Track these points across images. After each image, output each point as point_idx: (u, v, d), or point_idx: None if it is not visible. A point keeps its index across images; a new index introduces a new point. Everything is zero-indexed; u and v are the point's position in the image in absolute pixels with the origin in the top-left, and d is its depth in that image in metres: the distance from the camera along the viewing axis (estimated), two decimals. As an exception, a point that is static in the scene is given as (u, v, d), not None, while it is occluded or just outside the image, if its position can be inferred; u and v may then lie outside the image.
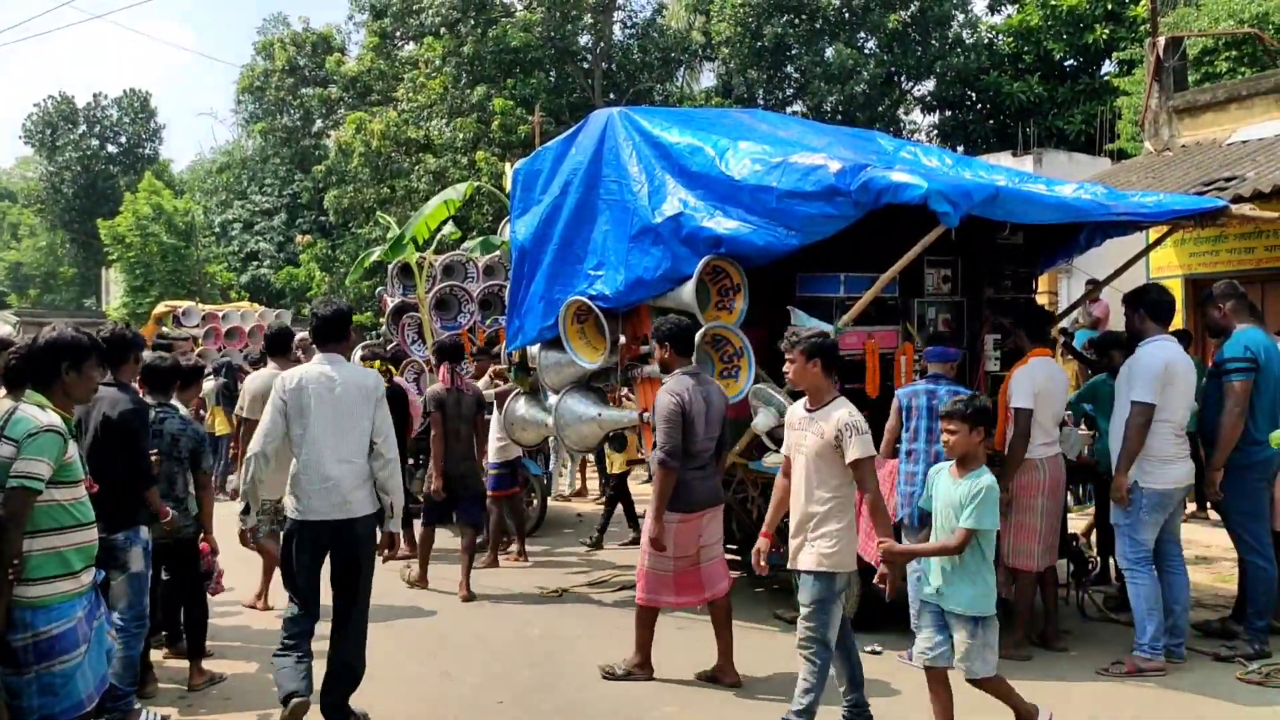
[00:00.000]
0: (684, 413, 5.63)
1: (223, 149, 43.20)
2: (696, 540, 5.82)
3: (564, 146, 7.73)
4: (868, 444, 4.77)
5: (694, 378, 5.84)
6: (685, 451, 5.64)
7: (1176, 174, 11.41)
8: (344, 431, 5.01)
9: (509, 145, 23.88)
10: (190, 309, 17.52)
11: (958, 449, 4.67)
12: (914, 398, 6.09)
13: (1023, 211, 6.33)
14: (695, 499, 5.74)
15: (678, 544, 5.74)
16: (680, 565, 5.81)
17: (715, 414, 5.82)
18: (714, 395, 5.88)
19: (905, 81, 26.43)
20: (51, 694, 3.79)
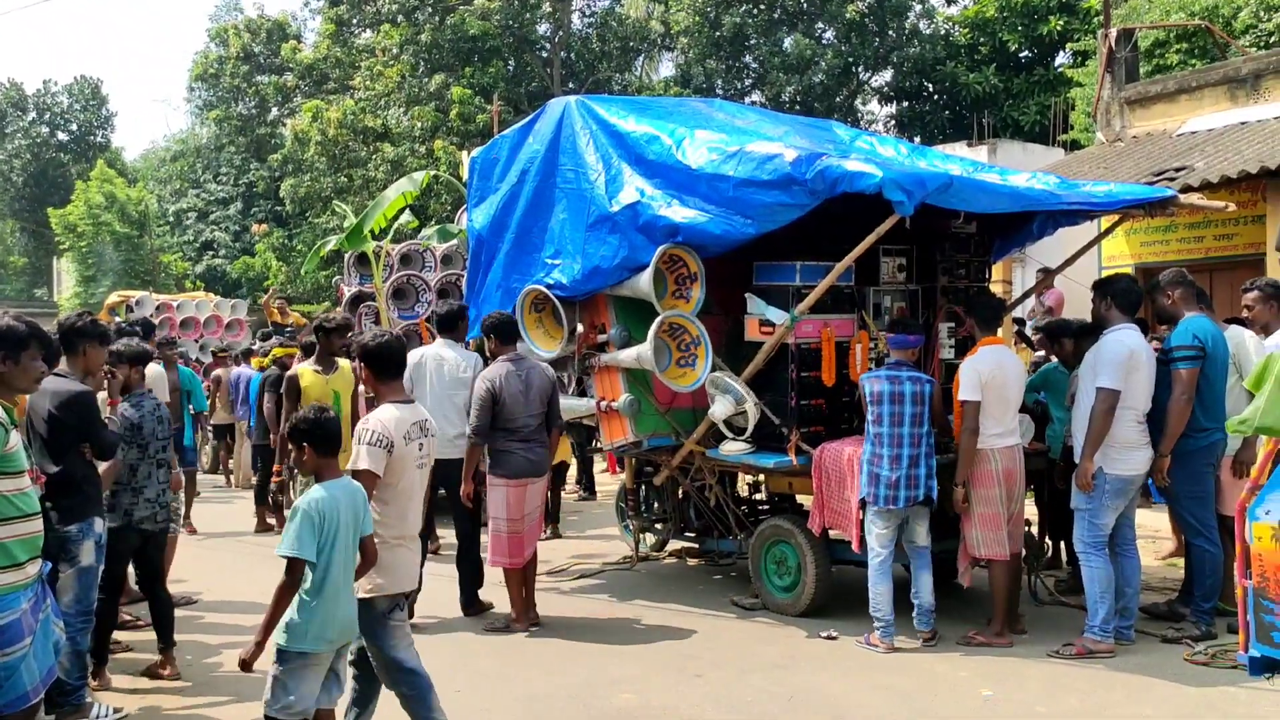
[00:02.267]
0: (495, 396, 6.46)
1: (176, 137, 42.53)
2: (523, 505, 6.55)
3: (521, 135, 7.69)
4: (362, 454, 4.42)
5: (513, 363, 6.60)
6: (504, 428, 6.50)
7: (1128, 164, 11.57)
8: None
9: (467, 134, 23.72)
10: (144, 299, 17.25)
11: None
12: (876, 383, 6.14)
13: (976, 200, 6.40)
14: (517, 468, 6.54)
15: (510, 506, 6.52)
16: (514, 527, 6.56)
17: (536, 394, 6.58)
18: (534, 377, 6.63)
19: (863, 72, 26.56)
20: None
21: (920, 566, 6.25)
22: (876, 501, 6.09)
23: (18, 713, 3.78)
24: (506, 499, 6.52)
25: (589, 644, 6.38)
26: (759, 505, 7.96)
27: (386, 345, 4.56)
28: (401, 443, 4.35)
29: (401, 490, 4.42)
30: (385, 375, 4.56)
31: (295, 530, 3.91)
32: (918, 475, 6.10)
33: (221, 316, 17.71)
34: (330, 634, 4.01)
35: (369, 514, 4.19)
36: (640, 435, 7.03)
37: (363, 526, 4.13)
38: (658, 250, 6.59)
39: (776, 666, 5.88)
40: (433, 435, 4.60)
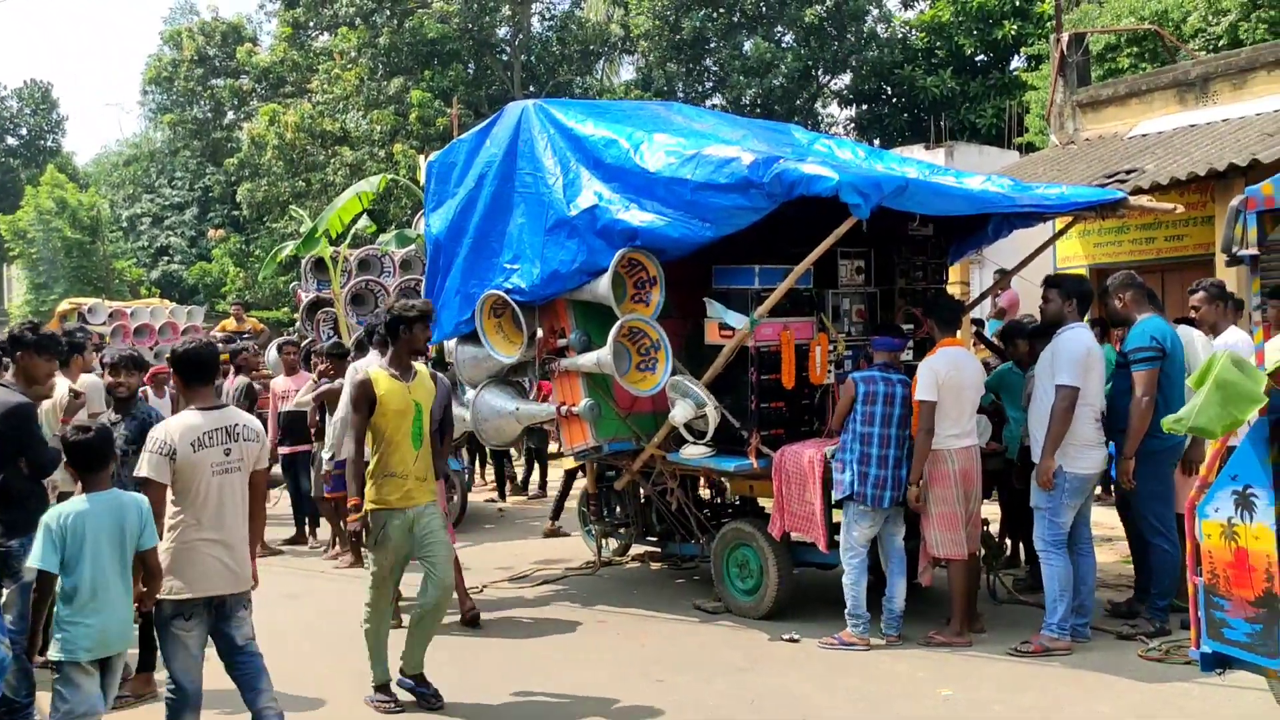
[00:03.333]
0: None
1: (130, 141, 41.90)
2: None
3: (478, 139, 7.65)
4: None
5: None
6: None
7: (1080, 167, 11.74)
8: None
9: (427, 138, 23.57)
10: (96, 306, 16.91)
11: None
12: (871, 383, 6.19)
13: (931, 203, 6.46)
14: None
15: None
16: None
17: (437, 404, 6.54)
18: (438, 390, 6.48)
19: (822, 75, 26.73)
20: None
21: (896, 571, 6.30)
22: (865, 501, 6.14)
23: None
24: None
25: (551, 650, 6.35)
26: (721, 509, 7.97)
27: (198, 353, 4.58)
28: (188, 450, 4.35)
29: (200, 495, 4.39)
30: (195, 382, 4.57)
31: (37, 543, 4.06)
32: (900, 476, 6.17)
33: (177, 324, 17.39)
34: (88, 643, 4.07)
35: (150, 527, 4.21)
36: (601, 440, 7.01)
37: (141, 540, 4.18)
38: (616, 254, 6.58)
39: (739, 670, 5.89)
40: (248, 440, 4.54)
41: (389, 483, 5.32)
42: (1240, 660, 4.38)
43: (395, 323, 5.53)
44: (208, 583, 4.41)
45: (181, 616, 4.38)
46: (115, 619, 4.15)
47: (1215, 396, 4.17)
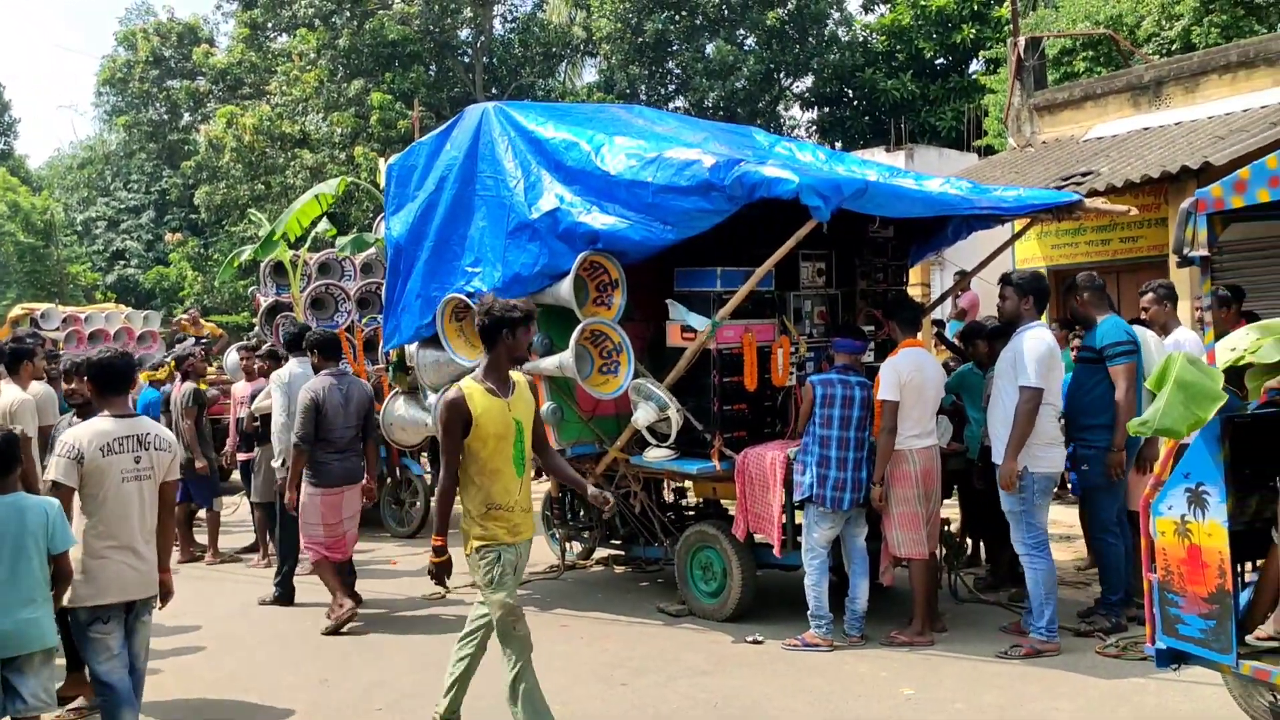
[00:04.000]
0: (318, 407, 6.89)
1: (84, 143, 41.20)
2: (339, 512, 7.04)
3: (439, 142, 7.60)
4: None
5: (335, 377, 7.09)
6: (323, 439, 6.91)
7: (1038, 169, 11.89)
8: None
9: (389, 140, 23.42)
10: (50, 311, 16.64)
11: None
12: (829, 386, 6.20)
13: (891, 205, 6.50)
14: (333, 478, 7.00)
15: (324, 513, 6.98)
16: (330, 532, 7.04)
17: (354, 407, 7.05)
18: (354, 391, 7.12)
19: (784, 78, 26.89)
20: None
21: (859, 572, 6.32)
22: (824, 503, 6.15)
23: None
24: (320, 506, 6.97)
25: (514, 656, 6.31)
26: (684, 511, 7.97)
27: (111, 363, 4.63)
28: (97, 454, 4.43)
29: (108, 502, 4.48)
30: (108, 391, 4.63)
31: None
32: (860, 478, 6.20)
33: (133, 329, 17.16)
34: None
35: (61, 530, 4.24)
36: (564, 443, 6.98)
37: (50, 543, 4.21)
38: (578, 257, 6.56)
39: (702, 672, 5.88)
40: (159, 449, 4.60)
41: (495, 517, 4.60)
42: (1195, 656, 4.45)
43: (495, 326, 4.57)
44: (120, 587, 4.51)
45: (99, 621, 4.47)
46: (7, 622, 4.13)
47: (1178, 397, 4.22)
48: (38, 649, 4.20)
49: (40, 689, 4.22)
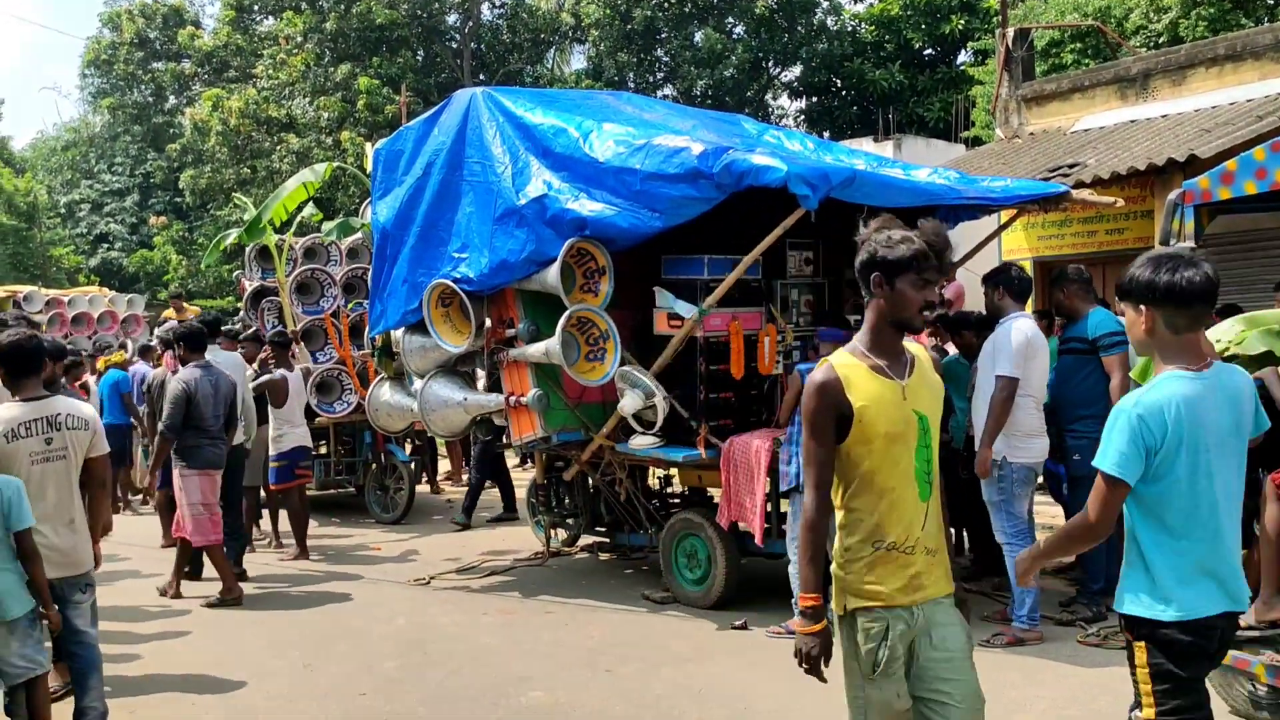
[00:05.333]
0: (189, 397, 7.22)
1: (68, 126, 40.83)
2: (214, 492, 7.36)
3: (426, 127, 7.57)
4: None
5: (203, 369, 7.41)
6: (196, 427, 7.28)
7: (1025, 160, 11.90)
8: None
9: (376, 125, 23.26)
10: (32, 294, 16.51)
11: None
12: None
13: (879, 195, 6.50)
14: (207, 461, 7.33)
15: (204, 492, 7.31)
16: (210, 511, 7.32)
17: (222, 397, 7.45)
18: (221, 382, 7.50)
19: (773, 67, 26.83)
20: None
21: None
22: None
23: None
24: (200, 487, 7.30)
25: (498, 641, 6.32)
26: (670, 499, 7.98)
27: (19, 345, 4.61)
28: (2, 441, 4.44)
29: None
30: (19, 375, 4.62)
31: None
32: None
33: (117, 312, 17.06)
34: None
35: (18, 508, 4.27)
36: (549, 430, 6.98)
37: (9, 521, 4.25)
38: (565, 244, 6.55)
39: (687, 660, 5.90)
40: (73, 428, 4.61)
41: (887, 562, 3.03)
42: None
43: (870, 267, 3.04)
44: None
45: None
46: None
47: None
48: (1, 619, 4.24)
49: (17, 656, 4.28)
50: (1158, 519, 2.89)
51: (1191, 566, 2.87)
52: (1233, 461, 2.96)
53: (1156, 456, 2.84)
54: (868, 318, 3.09)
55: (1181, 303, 2.89)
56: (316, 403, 9.91)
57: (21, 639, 4.32)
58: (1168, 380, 2.90)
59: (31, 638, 4.37)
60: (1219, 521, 2.91)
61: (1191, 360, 2.93)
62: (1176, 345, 2.93)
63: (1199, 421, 2.86)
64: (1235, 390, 2.98)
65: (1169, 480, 2.86)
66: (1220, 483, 2.91)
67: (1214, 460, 2.89)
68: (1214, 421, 2.90)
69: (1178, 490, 2.86)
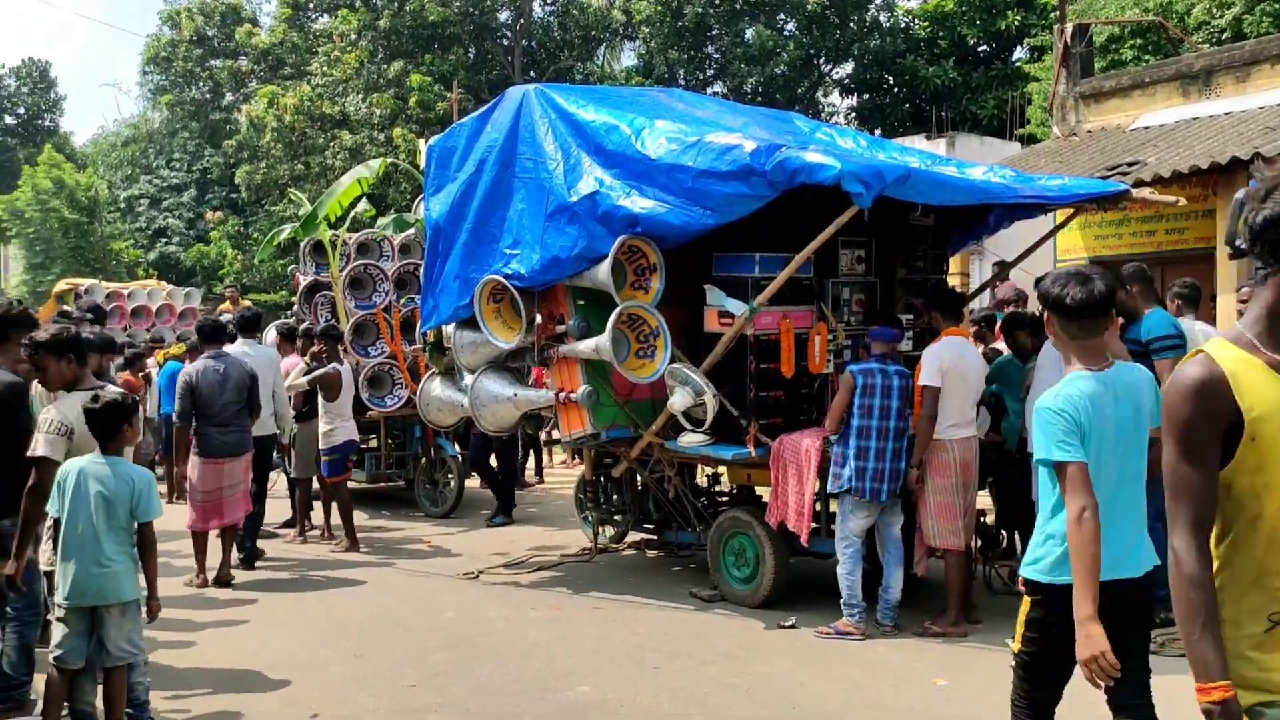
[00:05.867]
0: (192, 387, 7.55)
1: (128, 122, 41.67)
2: (219, 480, 7.55)
3: (479, 123, 7.61)
4: None
5: (214, 359, 7.70)
6: (202, 414, 7.53)
7: (1082, 158, 11.71)
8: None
9: (427, 122, 23.48)
10: (93, 287, 16.85)
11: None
12: (869, 376, 6.17)
13: (933, 193, 6.44)
14: (215, 449, 7.56)
15: (205, 480, 7.52)
16: (209, 498, 7.53)
17: (233, 385, 7.63)
18: (232, 371, 7.68)
19: (824, 64, 26.66)
20: None
21: (893, 561, 6.30)
22: (864, 495, 6.12)
23: None
24: (202, 473, 7.56)
25: (546, 636, 6.35)
26: (718, 497, 7.97)
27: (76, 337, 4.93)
28: (84, 429, 4.62)
29: None
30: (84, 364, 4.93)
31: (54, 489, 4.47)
32: (899, 468, 6.17)
33: (174, 305, 17.37)
34: (67, 591, 4.37)
35: (147, 500, 4.49)
36: (599, 427, 7.00)
37: (137, 511, 4.46)
38: (617, 241, 6.55)
39: (733, 658, 5.89)
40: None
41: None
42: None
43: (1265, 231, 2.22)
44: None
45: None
46: (85, 573, 4.37)
47: None
48: (114, 601, 4.41)
49: (123, 640, 4.45)
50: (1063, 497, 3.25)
51: None
52: (1133, 449, 3.39)
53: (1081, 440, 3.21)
54: (1265, 297, 2.24)
55: (1069, 315, 3.35)
56: (368, 397, 10.03)
57: (132, 623, 4.50)
58: (1073, 380, 3.35)
59: (136, 625, 4.54)
60: (1118, 501, 3.33)
61: (1092, 362, 3.37)
62: (1077, 349, 3.39)
63: (1101, 414, 3.29)
64: (1134, 386, 3.43)
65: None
66: (1119, 468, 3.34)
67: (1114, 448, 3.33)
68: (1114, 414, 3.32)
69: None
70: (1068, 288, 3.34)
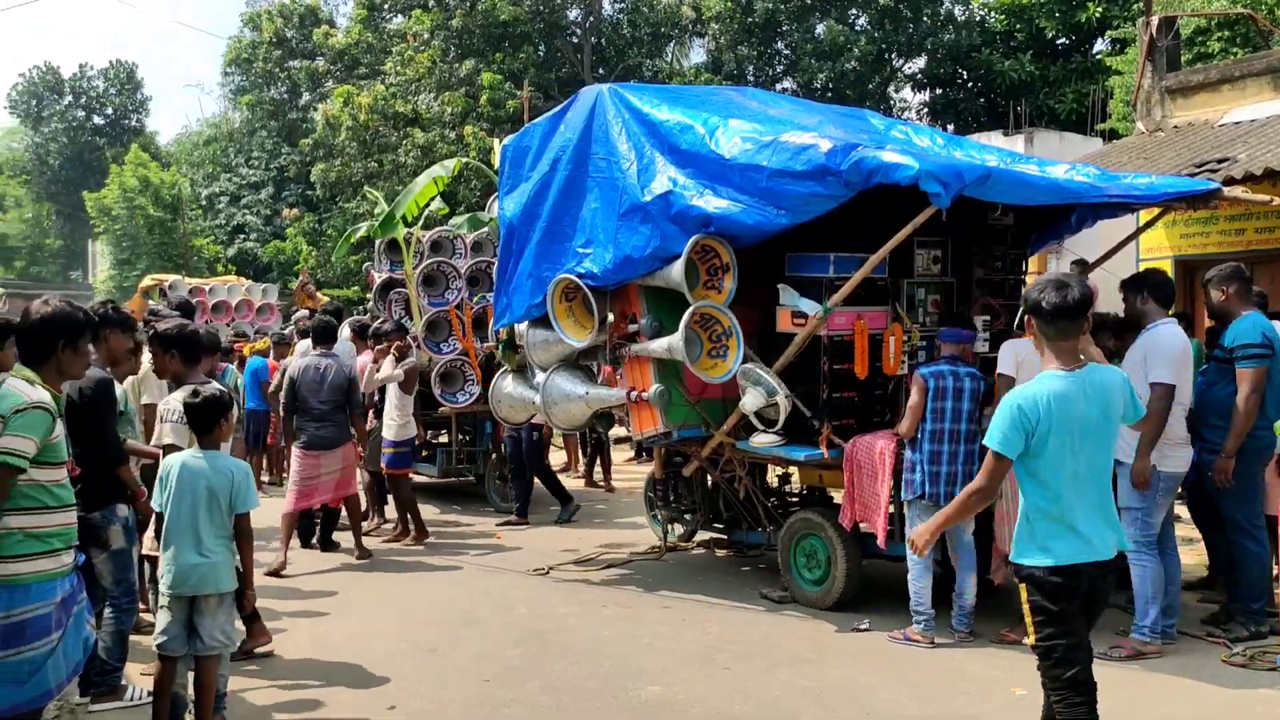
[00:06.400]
0: (293, 382, 8.19)
1: (210, 121, 42.76)
2: (316, 469, 8.14)
3: (553, 123, 7.65)
4: None
5: (320, 358, 8.25)
6: (301, 409, 8.14)
7: (1168, 155, 11.37)
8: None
9: (497, 120, 23.70)
10: (177, 282, 17.34)
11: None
12: (940, 378, 6.08)
13: (1014, 193, 6.30)
14: (311, 442, 8.12)
15: (303, 469, 8.15)
16: (306, 484, 8.16)
17: (330, 384, 8.13)
18: (329, 371, 8.18)
19: (896, 59, 26.29)
20: (16, 683, 3.65)
21: (966, 566, 6.19)
22: (939, 500, 6.04)
23: (31, 710, 3.76)
24: (300, 463, 8.16)
25: (616, 634, 6.38)
26: (789, 497, 7.92)
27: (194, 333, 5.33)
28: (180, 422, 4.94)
29: None
30: (191, 360, 5.28)
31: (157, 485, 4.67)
32: (972, 471, 6.07)
33: (252, 300, 17.80)
34: (170, 580, 4.54)
35: (244, 492, 4.64)
36: (670, 426, 7.00)
37: (234, 503, 4.61)
38: (690, 240, 6.54)
39: (805, 661, 5.85)
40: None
41: None
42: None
43: None
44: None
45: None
46: (188, 562, 4.53)
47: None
48: (212, 591, 4.55)
49: (217, 630, 4.58)
50: (1038, 487, 3.71)
51: (1062, 525, 3.68)
52: (1101, 443, 3.75)
53: (1034, 437, 3.65)
54: None
55: (1046, 319, 3.72)
56: (440, 392, 10.17)
57: (227, 614, 4.66)
58: (1044, 378, 3.73)
59: (230, 616, 4.69)
60: (1083, 490, 3.70)
61: (1066, 363, 3.73)
62: (1053, 350, 3.75)
63: (1068, 411, 3.66)
64: (1104, 386, 3.76)
65: (1044, 456, 3.67)
66: (1086, 460, 3.70)
67: (1080, 442, 3.68)
68: (1081, 411, 3.68)
69: (1050, 465, 3.67)
70: (1045, 293, 3.70)
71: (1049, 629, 3.75)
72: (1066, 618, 3.70)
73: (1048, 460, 3.67)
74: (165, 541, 4.58)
